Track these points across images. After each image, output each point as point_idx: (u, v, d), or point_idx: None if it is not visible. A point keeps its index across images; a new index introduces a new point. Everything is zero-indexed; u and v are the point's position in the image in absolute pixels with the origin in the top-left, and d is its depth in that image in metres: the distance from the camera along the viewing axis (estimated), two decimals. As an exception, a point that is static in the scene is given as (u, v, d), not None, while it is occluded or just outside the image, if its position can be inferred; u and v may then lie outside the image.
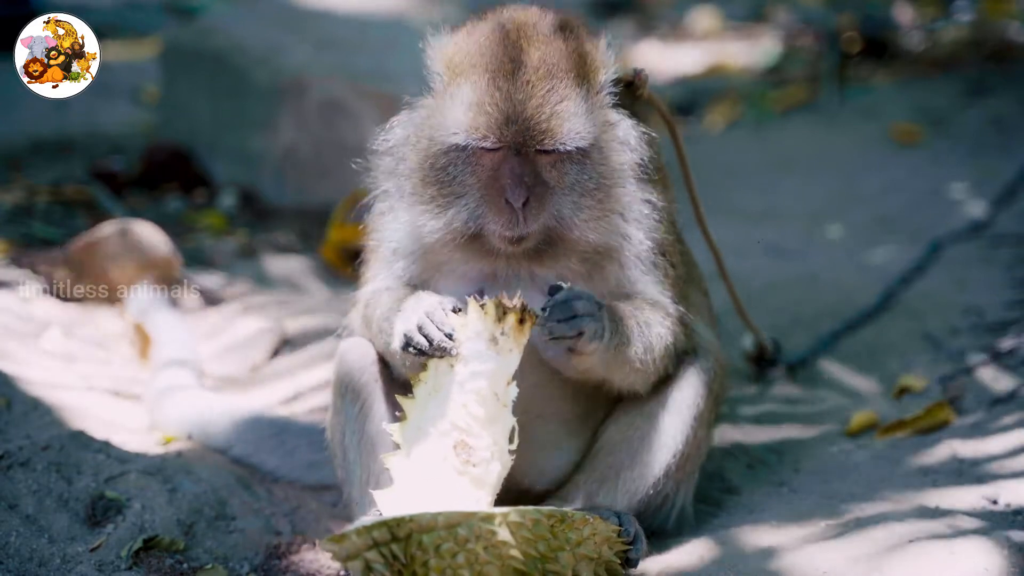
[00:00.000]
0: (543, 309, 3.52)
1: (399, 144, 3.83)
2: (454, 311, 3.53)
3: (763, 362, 5.33)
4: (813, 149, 8.57)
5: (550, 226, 3.63)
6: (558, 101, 3.59)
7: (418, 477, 3.48)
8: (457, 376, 3.49)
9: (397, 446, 3.54)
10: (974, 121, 8.48)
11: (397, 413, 3.60)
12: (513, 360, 3.50)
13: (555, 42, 3.66)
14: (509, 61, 3.62)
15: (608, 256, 3.77)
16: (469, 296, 3.55)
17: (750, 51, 10.99)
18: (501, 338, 3.47)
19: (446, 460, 3.47)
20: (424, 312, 3.53)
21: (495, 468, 3.48)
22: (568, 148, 3.60)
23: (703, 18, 12.10)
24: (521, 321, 3.47)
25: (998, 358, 5.19)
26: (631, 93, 3.95)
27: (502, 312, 3.46)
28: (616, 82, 3.78)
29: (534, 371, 3.75)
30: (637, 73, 3.96)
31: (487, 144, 3.60)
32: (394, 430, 3.54)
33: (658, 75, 10.65)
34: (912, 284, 6.17)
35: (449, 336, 3.48)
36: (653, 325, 3.77)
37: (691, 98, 9.88)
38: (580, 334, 3.53)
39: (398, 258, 3.86)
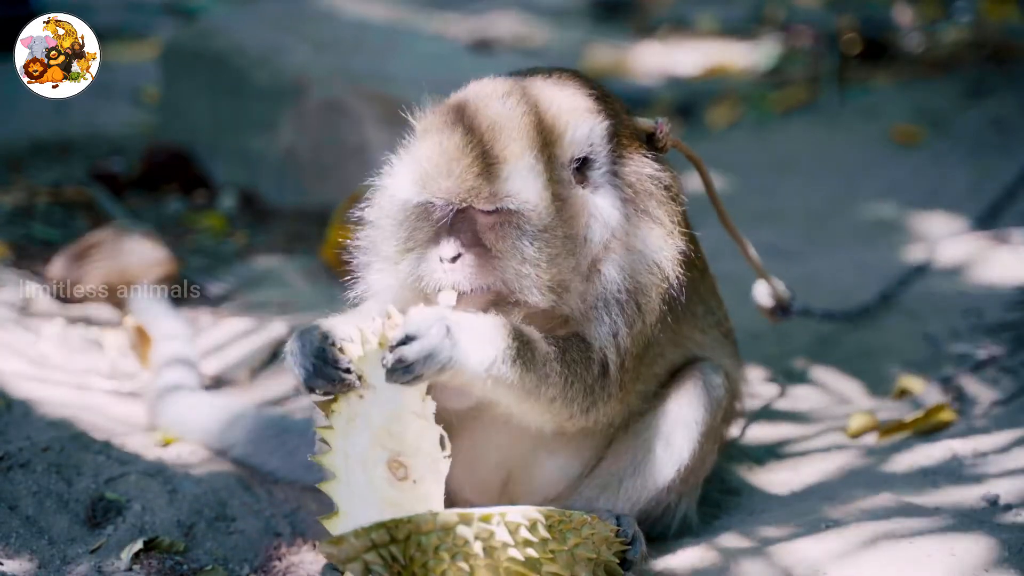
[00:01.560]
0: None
1: (374, 202, 3.83)
2: (335, 344, 3.51)
3: (780, 312, 5.29)
4: (813, 150, 8.57)
5: (499, 290, 3.59)
6: (494, 162, 3.55)
7: (362, 502, 3.48)
8: (368, 404, 3.50)
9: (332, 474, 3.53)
10: (974, 122, 8.48)
11: (321, 442, 3.57)
12: None
13: (510, 111, 3.62)
14: (460, 123, 3.62)
15: (569, 318, 3.71)
16: (357, 327, 3.54)
17: (750, 52, 10.98)
18: None
19: (383, 480, 3.48)
20: (313, 355, 3.51)
21: (435, 478, 3.49)
22: (489, 208, 3.55)
23: (703, 19, 12.10)
24: None
25: (997, 359, 5.19)
26: (653, 146, 3.92)
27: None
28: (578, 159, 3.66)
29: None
30: (659, 125, 3.94)
31: (422, 198, 3.61)
32: (322, 461, 3.53)
33: (658, 76, 10.65)
34: (912, 285, 6.17)
35: (348, 370, 3.48)
36: (553, 359, 3.63)
37: (691, 99, 9.87)
38: (419, 376, 3.41)
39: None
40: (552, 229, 3.59)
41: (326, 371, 3.49)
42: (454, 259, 3.55)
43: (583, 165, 3.67)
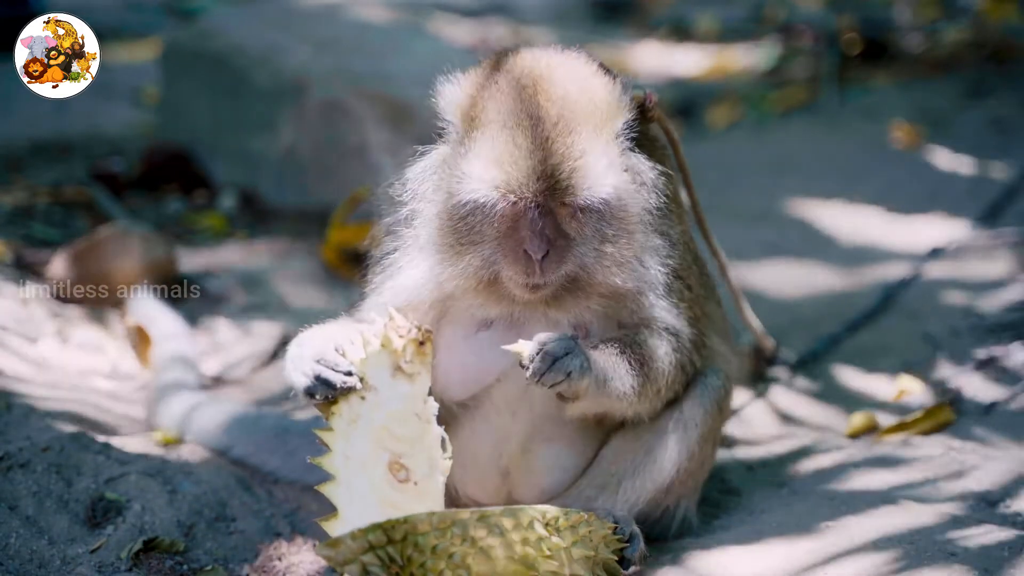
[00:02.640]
0: (522, 365, 3.49)
1: (418, 191, 3.77)
2: (336, 348, 3.53)
3: (763, 362, 5.32)
4: (813, 150, 8.57)
5: (573, 274, 3.61)
6: (579, 156, 3.54)
7: (361, 503, 3.47)
8: (370, 405, 3.50)
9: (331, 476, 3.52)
10: (974, 122, 8.48)
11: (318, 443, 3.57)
12: (424, 380, 3.50)
13: (571, 93, 3.60)
14: (527, 116, 3.55)
15: (627, 295, 3.74)
16: (359, 330, 3.55)
17: (750, 52, 10.99)
18: (406, 365, 3.48)
19: (384, 481, 3.48)
20: (314, 360, 3.51)
21: (438, 480, 3.48)
22: (590, 201, 3.56)
23: (703, 19, 12.10)
24: (421, 343, 3.49)
25: (998, 359, 5.19)
26: (642, 115, 3.93)
27: (400, 341, 3.47)
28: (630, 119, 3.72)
29: (542, 398, 3.76)
30: (648, 96, 3.95)
31: (509, 201, 3.55)
32: (322, 463, 3.52)
33: (658, 77, 10.65)
34: (912, 285, 6.17)
35: (349, 373, 3.48)
36: (657, 356, 3.75)
37: (691, 99, 9.88)
38: (569, 374, 3.49)
39: (407, 294, 3.81)
40: (628, 206, 3.64)
41: (326, 375, 3.49)
42: (544, 256, 3.53)
43: (624, 132, 3.70)
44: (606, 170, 3.58)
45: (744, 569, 3.74)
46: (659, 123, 4.05)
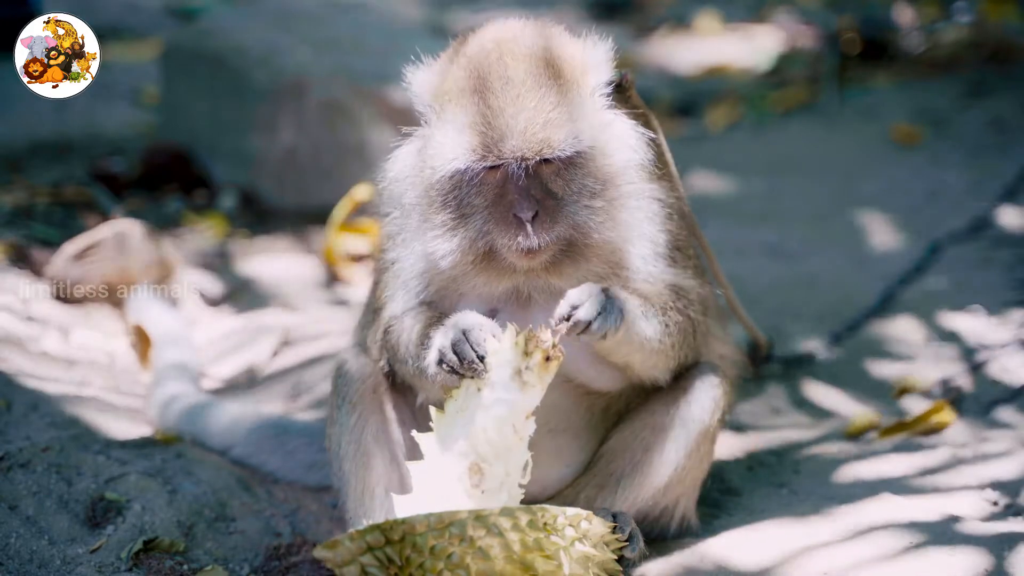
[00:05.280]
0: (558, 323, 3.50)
1: (401, 176, 3.80)
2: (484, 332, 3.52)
3: (758, 359, 5.31)
4: (813, 150, 8.57)
5: (567, 236, 3.62)
6: (550, 109, 3.56)
7: (432, 491, 3.48)
8: (483, 400, 3.49)
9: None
10: (974, 122, 8.47)
11: (430, 423, 3.57)
12: (534, 396, 3.49)
13: (538, 52, 3.64)
14: (496, 79, 3.60)
15: (626, 254, 3.74)
16: (510, 323, 3.53)
17: (750, 52, 10.97)
18: (525, 372, 3.47)
19: (460, 480, 3.48)
20: (463, 330, 3.51)
21: (502, 498, 3.47)
22: (568, 154, 3.58)
23: (703, 19, 12.09)
24: (548, 359, 3.47)
25: (997, 359, 5.20)
26: (620, 96, 3.95)
27: (532, 346, 3.46)
28: (608, 83, 3.76)
29: (552, 385, 3.73)
30: (624, 76, 3.97)
31: (487, 163, 3.58)
32: (420, 439, 3.54)
33: (658, 76, 10.64)
34: (912, 285, 6.17)
35: (481, 359, 3.47)
36: (668, 308, 3.76)
37: (691, 99, 9.87)
38: (599, 314, 3.50)
39: (415, 283, 3.83)
40: (610, 157, 3.65)
41: (461, 348, 3.48)
42: (534, 217, 3.54)
43: (603, 89, 3.72)
44: (581, 121, 3.60)
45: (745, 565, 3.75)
46: (637, 106, 4.01)
